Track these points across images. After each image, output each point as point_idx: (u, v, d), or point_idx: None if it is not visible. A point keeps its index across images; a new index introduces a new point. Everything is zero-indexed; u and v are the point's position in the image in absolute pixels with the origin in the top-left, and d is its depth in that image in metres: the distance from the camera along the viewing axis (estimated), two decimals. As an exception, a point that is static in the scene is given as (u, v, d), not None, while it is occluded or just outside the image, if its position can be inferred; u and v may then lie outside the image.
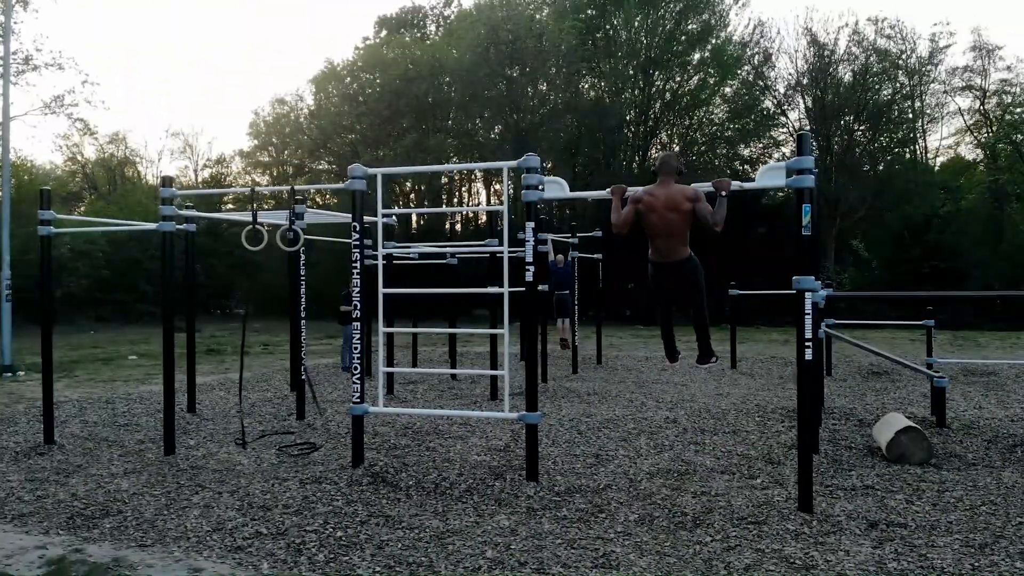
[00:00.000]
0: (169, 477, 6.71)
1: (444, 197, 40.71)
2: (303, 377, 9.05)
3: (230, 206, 38.26)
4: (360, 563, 4.68)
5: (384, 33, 43.93)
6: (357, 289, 6.88)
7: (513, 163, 6.34)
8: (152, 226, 7.63)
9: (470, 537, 5.12)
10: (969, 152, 35.67)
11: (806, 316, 5.68)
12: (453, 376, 13.22)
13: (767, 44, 35.34)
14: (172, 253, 7.30)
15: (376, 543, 5.01)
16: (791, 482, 6.45)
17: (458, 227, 40.67)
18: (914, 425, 7.26)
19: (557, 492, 6.16)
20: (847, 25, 36.54)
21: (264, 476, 6.71)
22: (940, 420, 8.68)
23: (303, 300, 9.56)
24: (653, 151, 37.85)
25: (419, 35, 43.86)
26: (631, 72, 35.97)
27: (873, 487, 6.28)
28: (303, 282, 9.56)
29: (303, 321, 9.60)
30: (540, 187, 6.29)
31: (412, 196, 40.63)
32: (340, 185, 7.00)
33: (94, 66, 73.24)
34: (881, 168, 35.14)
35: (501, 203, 36.36)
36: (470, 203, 41.39)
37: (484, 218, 40.99)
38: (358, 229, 6.94)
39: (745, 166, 34.87)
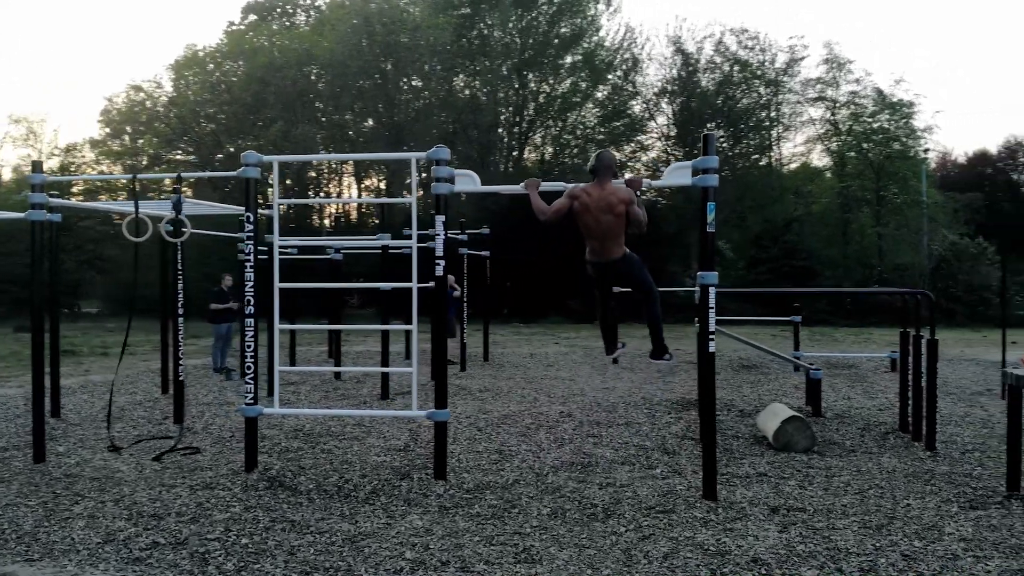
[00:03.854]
0: (43, 486, 6.14)
1: (311, 192, 39.55)
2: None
3: (80, 197, 35.64)
4: (273, 570, 4.43)
5: (251, 19, 42.22)
6: (251, 284, 6.53)
7: (422, 154, 6.19)
8: (16, 215, 6.95)
9: (384, 539, 4.96)
10: (819, 159, 38.18)
11: (710, 310, 5.86)
12: (337, 376, 12.84)
13: (636, 51, 36.49)
14: (42, 244, 6.66)
15: (287, 549, 4.76)
16: (688, 471, 6.66)
17: (327, 221, 39.78)
18: (798, 415, 7.65)
19: (467, 490, 6.07)
20: (712, 35, 38.14)
21: (148, 483, 6.26)
22: (816, 410, 9.19)
23: (181, 296, 8.98)
24: (527, 151, 38.30)
25: (288, 23, 42.42)
26: (505, 72, 36.23)
27: (766, 474, 6.56)
28: (181, 277, 8.99)
29: (181, 319, 9.02)
30: (450, 179, 6.18)
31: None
32: (233, 172, 6.62)
33: (-83, 41, 66.55)
34: (740, 173, 37.02)
35: (385, 197, 35.82)
36: (340, 197, 40.49)
37: (355, 214, 40.27)
38: (251, 220, 6.59)
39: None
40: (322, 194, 39.87)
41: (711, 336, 5.85)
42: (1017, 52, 75.74)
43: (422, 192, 38.22)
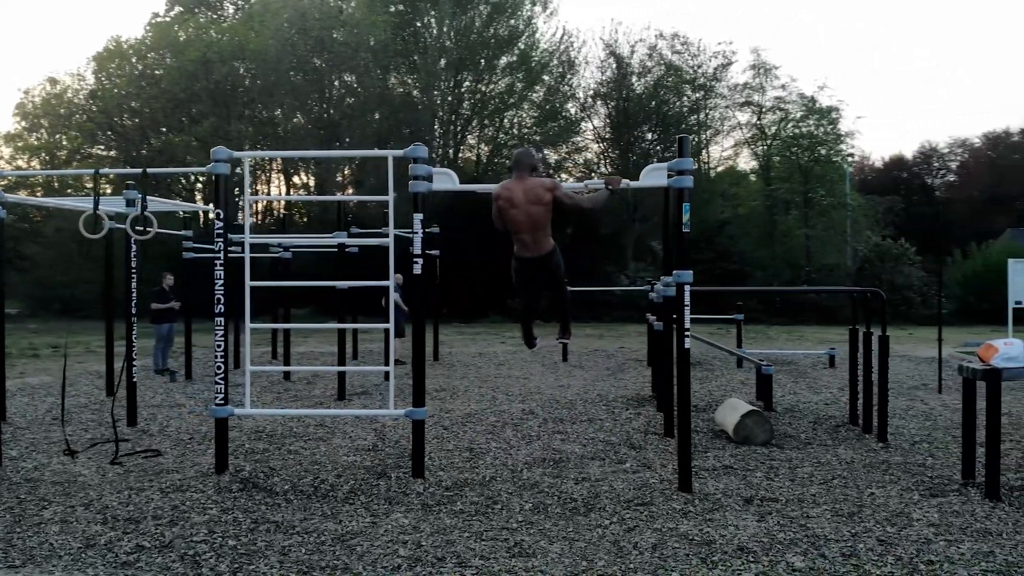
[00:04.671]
0: (5, 492, 5.90)
1: (236, 190, 38.54)
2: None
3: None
4: (269, 571, 4.38)
5: (176, 10, 40.94)
6: (221, 283, 6.40)
7: (399, 152, 6.18)
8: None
9: (374, 538, 4.95)
10: (745, 163, 39.23)
11: (685, 308, 6.03)
12: (286, 376, 12.65)
13: (573, 54, 36.85)
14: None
15: (277, 549, 4.71)
16: (657, 464, 6.83)
17: (254, 219, 39.00)
18: (756, 409, 7.92)
19: (446, 487, 6.09)
20: (643, 40, 38.77)
21: (115, 487, 6.08)
22: (767, 404, 9.51)
23: (135, 296, 8.74)
24: (463, 151, 38.27)
25: (215, 16, 41.35)
26: (441, 70, 36.11)
27: (732, 467, 6.77)
28: (134, 276, 8.74)
29: (134, 319, 8.77)
30: (429, 178, 6.20)
31: (201, 187, 38.16)
32: (202, 169, 6.48)
33: None
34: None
35: (311, 193, 35.13)
36: (268, 194, 39.70)
37: (282, 210, 39.55)
38: (221, 217, 6.47)
39: (549, 170, 36.09)
40: (249, 191, 38.96)
41: (687, 333, 6.02)
42: (929, 59, 79.58)
43: (352, 190, 37.96)
